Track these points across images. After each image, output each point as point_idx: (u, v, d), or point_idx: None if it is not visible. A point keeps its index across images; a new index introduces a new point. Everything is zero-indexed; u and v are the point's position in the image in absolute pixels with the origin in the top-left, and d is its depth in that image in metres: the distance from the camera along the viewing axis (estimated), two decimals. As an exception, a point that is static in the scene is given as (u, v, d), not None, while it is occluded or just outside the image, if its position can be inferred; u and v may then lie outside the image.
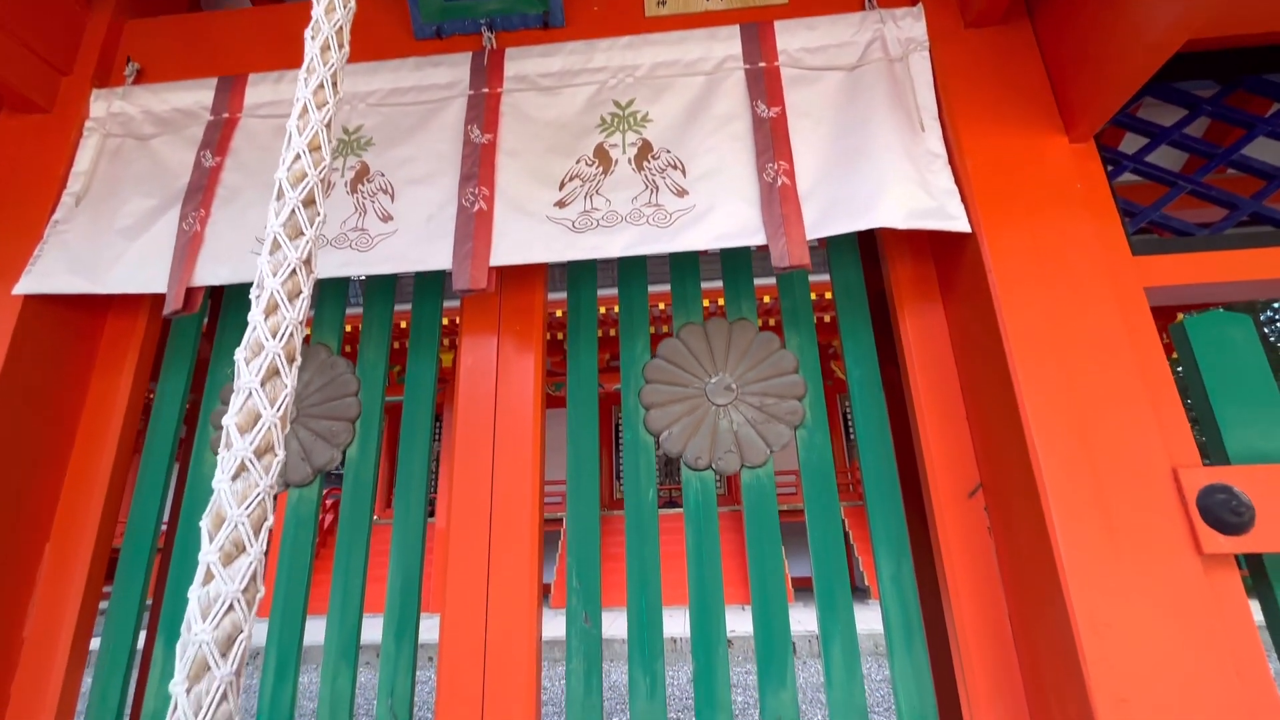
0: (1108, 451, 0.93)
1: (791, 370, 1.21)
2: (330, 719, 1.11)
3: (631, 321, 1.30)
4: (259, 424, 0.56)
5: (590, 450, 1.22)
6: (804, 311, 1.27)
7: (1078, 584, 0.88)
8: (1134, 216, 1.15)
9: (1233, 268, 1.07)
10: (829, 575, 1.11)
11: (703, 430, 1.19)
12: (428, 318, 1.35)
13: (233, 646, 0.50)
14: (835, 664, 1.06)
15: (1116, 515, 0.91)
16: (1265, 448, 0.98)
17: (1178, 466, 0.92)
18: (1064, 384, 0.97)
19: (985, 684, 1.01)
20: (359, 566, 1.19)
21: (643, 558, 1.14)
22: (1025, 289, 1.03)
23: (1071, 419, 0.95)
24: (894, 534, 1.12)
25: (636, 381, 1.25)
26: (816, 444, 1.18)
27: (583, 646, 1.11)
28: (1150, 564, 0.88)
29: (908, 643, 1.06)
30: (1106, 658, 0.85)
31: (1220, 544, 0.88)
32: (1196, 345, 1.03)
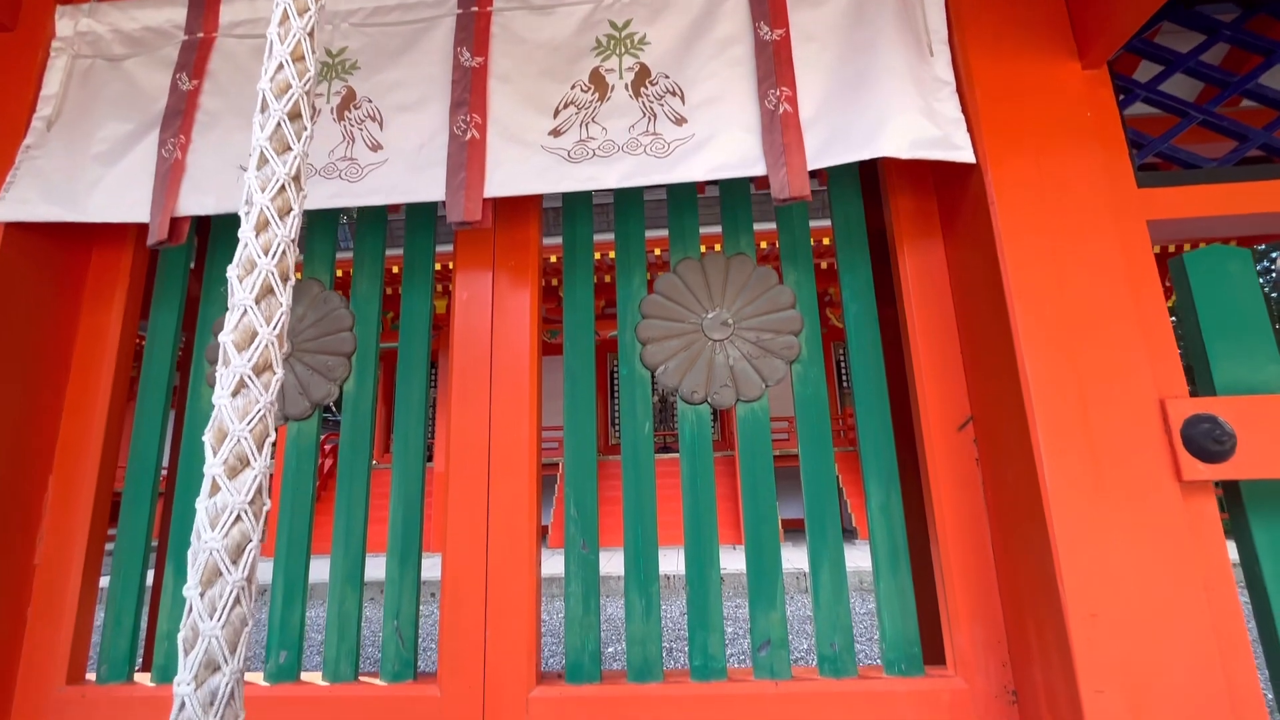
0: (1098, 382, 0.95)
1: (789, 305, 1.21)
2: (339, 638, 1.16)
3: (628, 257, 1.28)
4: (256, 341, 0.55)
5: (587, 381, 1.23)
6: (802, 247, 1.25)
7: (1060, 508, 0.91)
8: (1142, 148, 1.12)
9: (1238, 200, 1.05)
10: (820, 505, 1.14)
11: (699, 365, 1.20)
12: (420, 257, 1.33)
13: (243, 554, 0.51)
14: (823, 587, 1.11)
15: (1102, 443, 0.93)
16: (1252, 380, 0.99)
17: (1165, 398, 0.94)
18: (1059, 316, 0.98)
19: (966, 605, 1.06)
20: (360, 498, 1.21)
21: (639, 489, 1.17)
22: (1027, 221, 1.02)
23: (1064, 350, 0.96)
24: (884, 466, 1.14)
25: (633, 317, 1.24)
26: (811, 378, 1.19)
27: (580, 572, 1.14)
28: (1131, 490, 0.91)
29: (893, 568, 1.10)
30: (1082, 577, 0.89)
31: (1200, 471, 0.90)
32: (1194, 278, 1.03)
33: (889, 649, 1.08)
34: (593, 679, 1.10)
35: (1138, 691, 0.85)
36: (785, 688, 1.06)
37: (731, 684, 1.07)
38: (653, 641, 1.11)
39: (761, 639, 1.09)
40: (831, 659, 1.08)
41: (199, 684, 0.47)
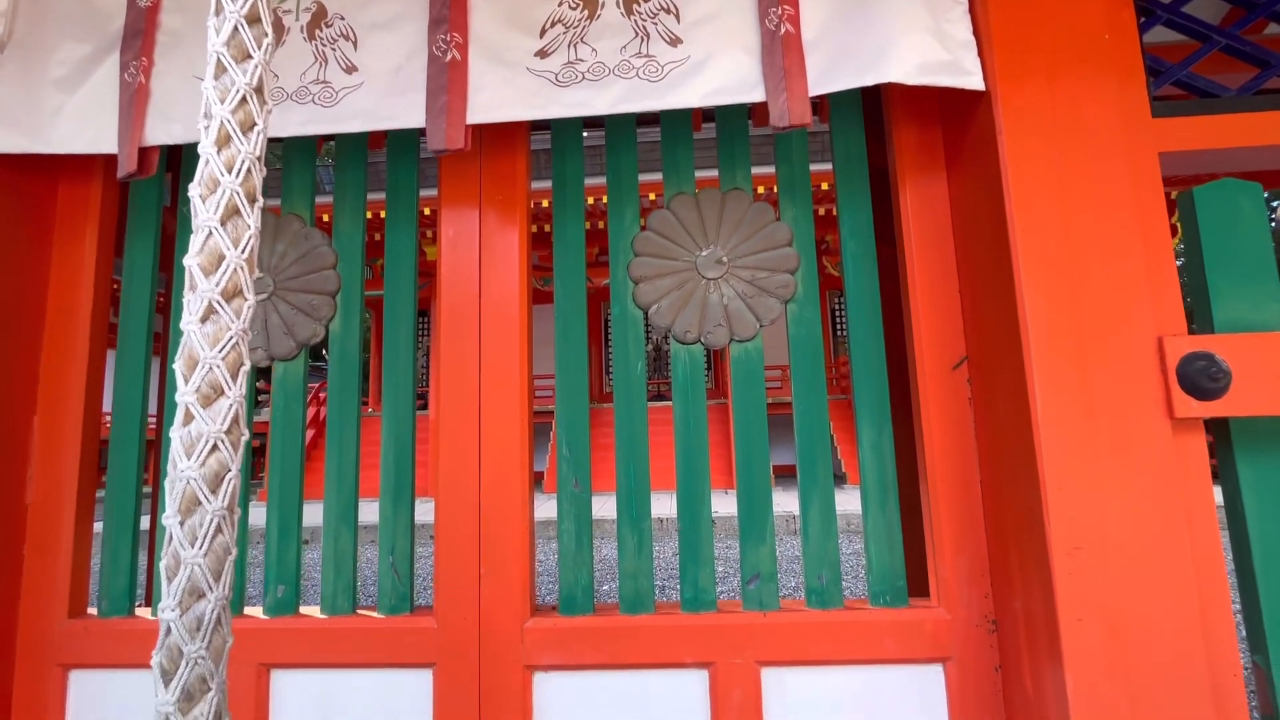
0: (1097, 319, 0.93)
1: (785, 243, 1.17)
2: (335, 574, 1.17)
3: (620, 192, 1.23)
4: (223, 265, 0.52)
5: (579, 314, 1.20)
6: (801, 181, 1.21)
7: (1050, 444, 0.91)
8: (1159, 75, 1.07)
9: (1256, 131, 1.01)
10: (811, 444, 1.14)
11: (692, 304, 1.17)
12: (404, 194, 1.27)
13: (222, 484, 0.50)
14: (813, 523, 1.12)
15: (1097, 380, 0.92)
16: (1252, 318, 0.98)
17: (1164, 335, 0.93)
18: (1063, 251, 0.95)
19: (951, 540, 1.08)
20: (351, 438, 1.21)
21: (631, 429, 1.17)
22: (1035, 151, 0.97)
23: (1065, 286, 0.94)
24: (877, 405, 1.14)
25: (625, 254, 1.21)
26: (806, 318, 1.17)
27: (573, 510, 1.15)
28: (1122, 427, 0.91)
29: (882, 504, 1.12)
30: (1067, 511, 0.90)
31: (1193, 408, 0.90)
32: (1202, 212, 1.00)
33: (874, 581, 1.11)
34: (586, 611, 1.13)
35: (1115, 620, 0.87)
36: (773, 618, 1.09)
37: (721, 615, 1.10)
38: (644, 575, 1.13)
39: (751, 572, 1.11)
40: (819, 591, 1.10)
41: (184, 610, 0.47)
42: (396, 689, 1.13)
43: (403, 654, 1.13)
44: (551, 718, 1.10)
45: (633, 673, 1.10)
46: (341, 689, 1.14)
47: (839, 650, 1.08)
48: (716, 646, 1.08)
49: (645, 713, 1.09)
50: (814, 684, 1.08)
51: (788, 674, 1.08)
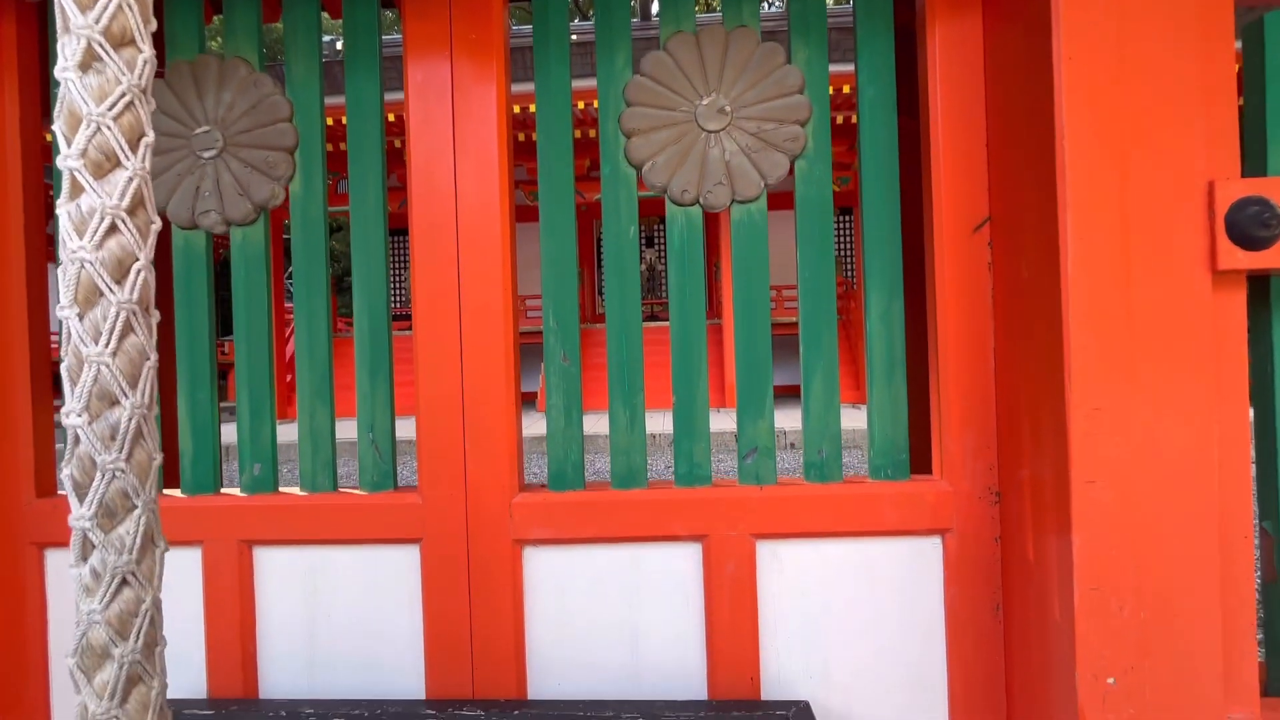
0: (1145, 161, 0.83)
1: (796, 90, 1.04)
2: (313, 451, 1.12)
3: (610, 31, 1.08)
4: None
5: (565, 188, 1.09)
6: (816, 18, 1.06)
7: (1078, 297, 0.83)
8: (1241, -121, 0.91)
9: (1343, -54, 0.87)
10: (816, 316, 1.07)
11: (691, 160, 1.06)
12: (366, 99, 1.12)
13: (128, 275, 0.41)
14: (815, 397, 1.07)
15: (1136, 229, 0.83)
16: (1311, 166, 0.88)
17: (1215, 179, 0.83)
18: (1114, 85, 0.83)
19: (959, 412, 1.03)
20: (320, 310, 1.12)
21: (623, 306, 1.08)
22: (1093, -37, 0.84)
23: (1113, 124, 0.83)
24: (889, 272, 1.05)
25: (616, 105, 1.08)
26: (816, 177, 1.06)
27: (562, 384, 1.09)
28: (1158, 279, 0.83)
29: (889, 377, 1.06)
30: (1091, 370, 0.83)
31: (1239, 260, 0.82)
32: (1270, 42, 0.88)
33: (876, 455, 1.06)
34: (576, 486, 1.09)
35: (1128, 483, 0.83)
36: (769, 492, 1.06)
37: (716, 489, 1.07)
38: (637, 451, 1.08)
39: (749, 447, 1.07)
40: (818, 465, 1.06)
41: (93, 416, 0.40)
42: (383, 563, 1.10)
43: (388, 530, 1.09)
44: (542, 590, 1.09)
45: (624, 546, 1.08)
46: (327, 564, 1.11)
47: (836, 523, 1.05)
48: (711, 520, 1.05)
49: (637, 584, 1.08)
50: (809, 555, 1.06)
51: (783, 546, 1.06)
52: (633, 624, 1.08)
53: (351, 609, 1.11)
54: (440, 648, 1.08)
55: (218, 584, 1.10)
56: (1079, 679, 0.84)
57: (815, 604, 1.06)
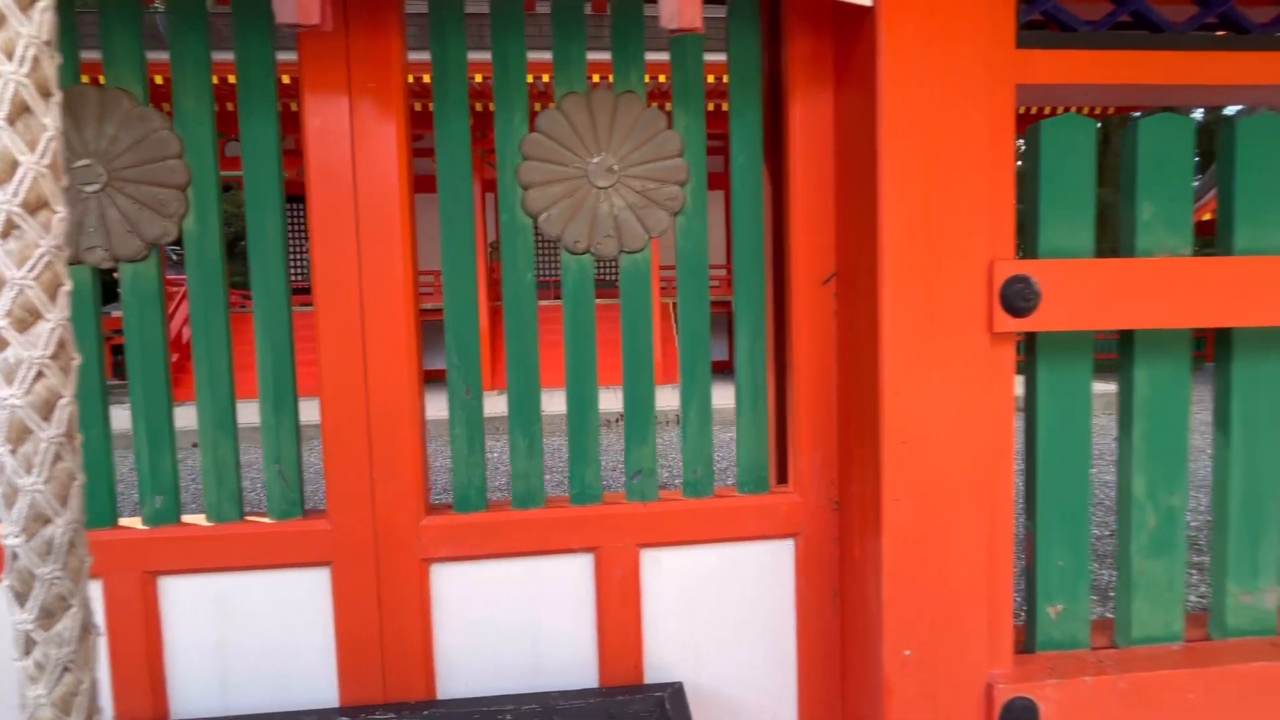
0: (943, 241, 1.03)
1: (676, 154, 1.17)
2: (218, 483, 1.16)
3: (508, 87, 1.15)
4: (20, 173, 0.46)
5: (466, 222, 1.17)
6: (694, 88, 1.18)
7: (891, 353, 1.03)
8: (1031, 3, 1.12)
9: (1106, 69, 1.10)
10: (693, 351, 1.22)
11: (582, 213, 1.16)
12: (257, 65, 1.12)
13: (54, 411, 0.48)
14: (691, 423, 1.23)
15: (937, 297, 1.04)
16: (1068, 245, 1.12)
17: (995, 259, 1.05)
18: (920, 175, 1.02)
19: (809, 435, 1.22)
20: (220, 343, 1.14)
21: (521, 337, 1.19)
22: (909, 73, 1.01)
23: (919, 209, 1.02)
24: (754, 314, 1.22)
25: (513, 158, 1.16)
26: (694, 231, 1.20)
27: (464, 416, 1.18)
28: (952, 339, 1.04)
29: (753, 405, 1.23)
30: (900, 410, 1.04)
31: (1009, 324, 1.05)
32: (1045, 145, 1.10)
33: (742, 473, 1.24)
34: (479, 508, 1.20)
35: (925, 498, 1.05)
36: (652, 507, 1.21)
37: (606, 506, 1.21)
38: (534, 475, 1.20)
39: (635, 469, 1.22)
40: (693, 483, 1.23)
41: (30, 535, 0.47)
42: (294, 585, 1.17)
43: (298, 555, 1.16)
44: (450, 601, 1.20)
45: (524, 559, 1.20)
46: (237, 589, 1.17)
47: (708, 531, 1.23)
48: (601, 533, 1.20)
49: (537, 592, 1.21)
50: (686, 560, 1.23)
51: (664, 553, 1.23)
52: (533, 627, 1.22)
53: (263, 629, 1.17)
54: (353, 659, 1.17)
55: (122, 615, 1.12)
56: (884, 652, 1.06)
57: (691, 601, 1.24)
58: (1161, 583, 1.18)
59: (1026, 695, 1.07)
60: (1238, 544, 1.19)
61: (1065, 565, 1.17)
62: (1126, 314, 1.07)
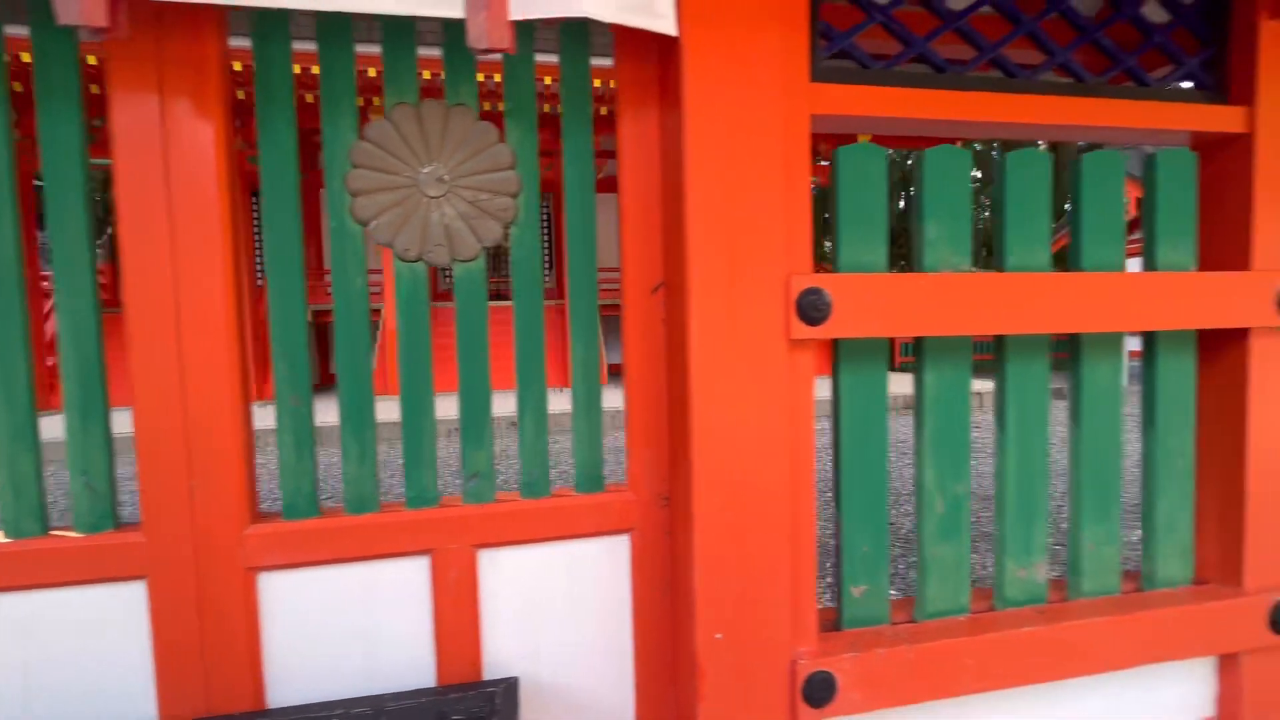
0: (743, 257, 1.12)
1: (508, 166, 1.21)
2: (15, 497, 1.10)
3: (335, 93, 1.16)
4: None
5: (290, 227, 1.16)
6: (527, 103, 1.23)
7: (698, 359, 1.11)
8: (831, 41, 1.23)
9: (897, 105, 1.22)
10: (529, 360, 1.26)
11: (413, 222, 1.18)
12: (56, 56, 1.08)
13: None
14: (528, 428, 1.27)
15: (739, 309, 1.13)
16: (862, 261, 1.24)
17: (792, 273, 1.15)
18: (722, 196, 1.11)
19: (641, 436, 1.29)
20: (16, 346, 1.09)
21: (353, 345, 1.19)
22: (711, 100, 1.10)
23: (721, 227, 1.11)
24: (588, 323, 1.28)
25: (342, 165, 1.16)
26: (527, 242, 1.24)
27: (292, 424, 1.18)
28: (754, 347, 1.13)
29: (588, 410, 1.29)
30: (707, 411, 1.12)
31: (804, 332, 1.15)
32: (841, 170, 1.22)
33: (579, 473, 1.30)
34: (310, 515, 1.19)
35: (732, 493, 1.14)
36: (489, 509, 1.25)
37: (442, 509, 1.23)
38: (367, 480, 1.21)
39: (471, 472, 1.25)
40: (530, 484, 1.27)
41: None
42: (106, 602, 1.13)
43: (110, 570, 1.12)
44: (280, 610, 1.19)
45: (358, 564, 1.21)
46: (43, 607, 1.11)
47: (546, 530, 1.27)
48: (437, 536, 1.22)
49: (372, 596, 1.22)
50: (525, 559, 1.27)
51: (502, 553, 1.26)
52: (370, 631, 1.22)
53: (74, 648, 1.12)
54: (172, 673, 1.14)
55: (-103, 642, 1.05)
56: (697, 636, 1.14)
57: (530, 598, 1.28)
58: (950, 563, 1.33)
59: (826, 669, 1.18)
60: (1013, 525, 1.36)
61: (868, 550, 1.29)
62: (909, 323, 1.20)
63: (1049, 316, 1.27)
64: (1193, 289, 1.34)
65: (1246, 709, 1.42)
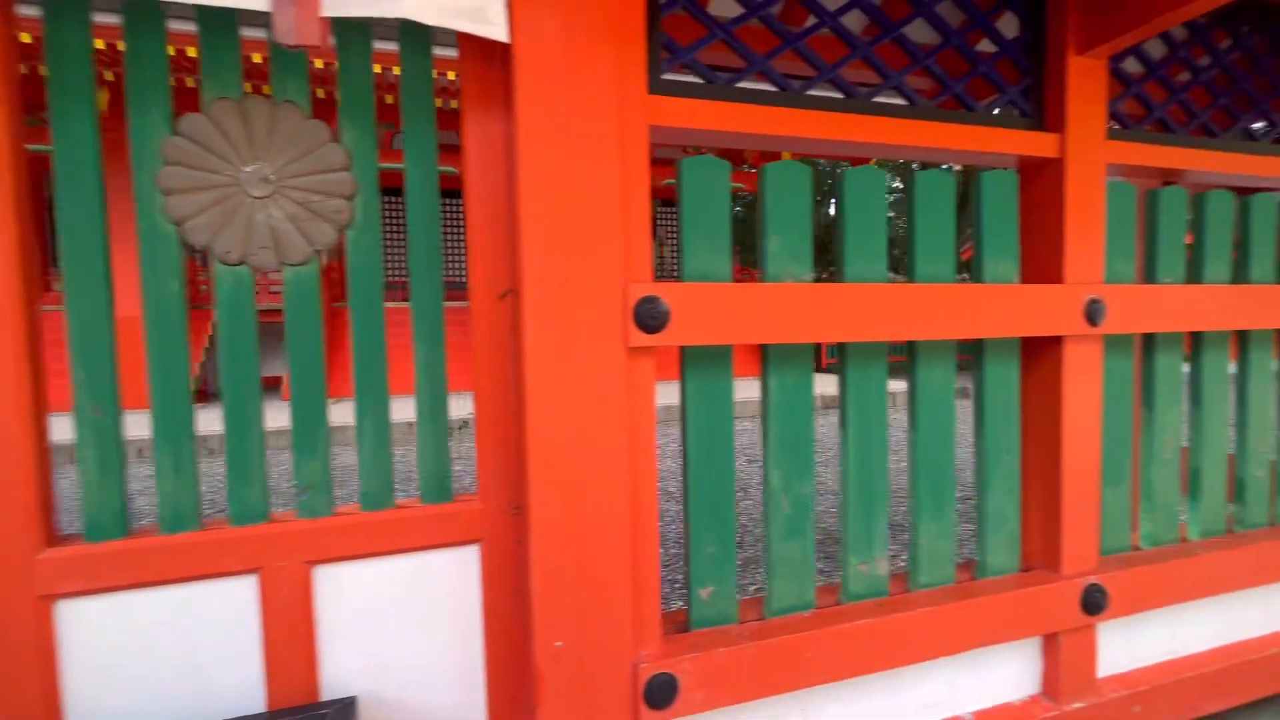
0: (580, 266, 1.13)
1: (341, 167, 1.17)
2: None
3: (143, 81, 1.08)
4: None
5: (93, 229, 1.07)
6: (363, 101, 1.19)
7: (534, 368, 1.11)
8: (673, 54, 1.26)
9: (736, 120, 1.26)
10: (369, 368, 1.22)
11: (235, 223, 1.12)
12: None
13: None
14: (367, 437, 1.23)
15: (577, 317, 1.13)
16: (709, 270, 1.27)
17: (630, 282, 1.16)
18: (556, 204, 1.11)
19: (492, 444, 1.27)
20: None
21: (166, 352, 1.12)
22: (545, 108, 1.10)
23: (557, 235, 1.11)
24: (431, 326, 1.25)
25: (151, 161, 1.09)
26: (365, 246, 1.20)
27: (94, 437, 1.09)
28: (591, 354, 1.14)
29: (433, 417, 1.26)
30: (543, 418, 1.12)
31: (642, 339, 1.17)
32: (685, 182, 1.25)
33: (424, 483, 1.27)
34: (117, 535, 1.11)
35: (570, 500, 1.14)
36: (325, 523, 1.19)
37: (272, 525, 1.17)
38: (185, 494, 1.13)
39: (305, 484, 1.19)
40: (371, 495, 1.23)
41: None
42: None
43: None
44: (81, 643, 1.09)
45: (175, 587, 1.13)
46: None
47: (389, 543, 1.23)
48: (266, 553, 1.16)
49: (192, 621, 1.14)
50: (366, 573, 1.23)
51: (341, 568, 1.21)
52: (190, 659, 1.15)
53: None
54: (-52, 718, 1.02)
55: None
56: (536, 645, 1.14)
57: (374, 614, 1.24)
58: (796, 561, 1.38)
59: (668, 671, 1.20)
60: (855, 522, 1.43)
61: (714, 552, 1.32)
62: (747, 331, 1.24)
63: (884, 325, 1.35)
64: (1015, 300, 1.46)
65: (1064, 683, 1.56)
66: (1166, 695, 1.66)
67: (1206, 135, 1.75)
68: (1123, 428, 1.67)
